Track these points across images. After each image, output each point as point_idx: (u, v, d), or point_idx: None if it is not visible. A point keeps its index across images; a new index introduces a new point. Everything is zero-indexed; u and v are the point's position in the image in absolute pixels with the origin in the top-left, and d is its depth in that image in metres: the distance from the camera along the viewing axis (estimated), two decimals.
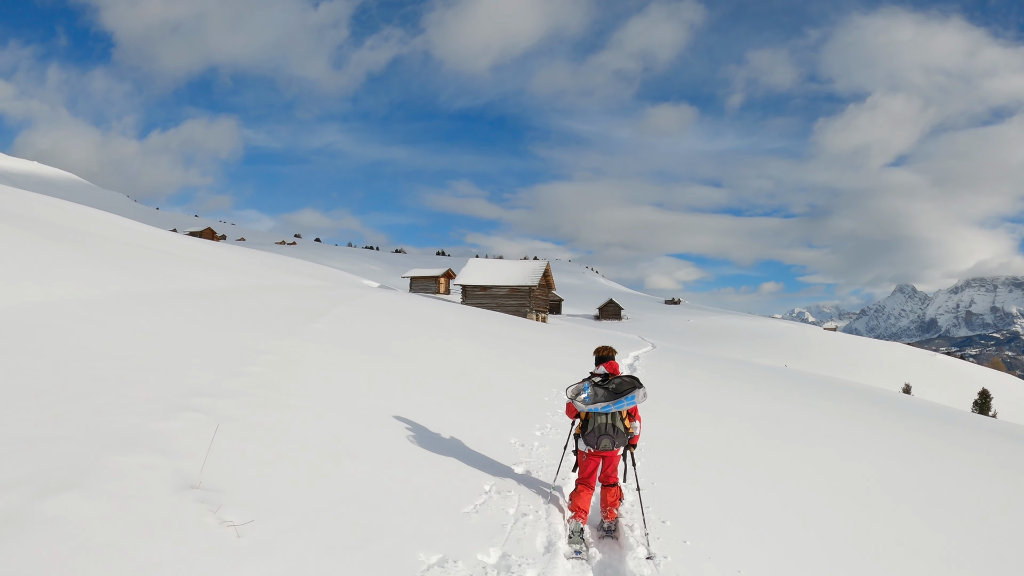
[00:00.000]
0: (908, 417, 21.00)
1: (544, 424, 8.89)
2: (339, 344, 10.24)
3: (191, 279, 15.08)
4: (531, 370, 14.42)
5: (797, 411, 16.94)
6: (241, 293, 14.10)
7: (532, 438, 7.95)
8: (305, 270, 42.52)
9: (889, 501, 8.42)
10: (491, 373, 12.27)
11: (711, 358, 33.91)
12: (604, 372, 5.57)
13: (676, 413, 12.63)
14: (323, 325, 11.54)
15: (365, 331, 12.75)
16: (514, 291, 51.70)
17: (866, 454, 11.84)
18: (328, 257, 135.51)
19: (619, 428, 5.29)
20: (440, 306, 28.41)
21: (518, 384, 11.81)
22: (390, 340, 12.64)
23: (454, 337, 16.82)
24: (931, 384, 68.85)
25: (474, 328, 21.69)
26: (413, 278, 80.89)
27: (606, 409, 5.23)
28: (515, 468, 6.42)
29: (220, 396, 5.56)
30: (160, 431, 4.37)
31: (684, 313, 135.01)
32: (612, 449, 5.35)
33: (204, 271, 17.80)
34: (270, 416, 5.50)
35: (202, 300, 11.37)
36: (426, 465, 5.58)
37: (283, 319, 11.21)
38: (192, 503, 3.49)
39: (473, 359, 13.70)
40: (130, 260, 15.40)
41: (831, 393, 24.49)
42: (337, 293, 21.19)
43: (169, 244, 25.61)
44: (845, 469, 10.16)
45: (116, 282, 11.68)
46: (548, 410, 9.97)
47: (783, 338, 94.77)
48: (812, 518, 6.79)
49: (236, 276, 19.35)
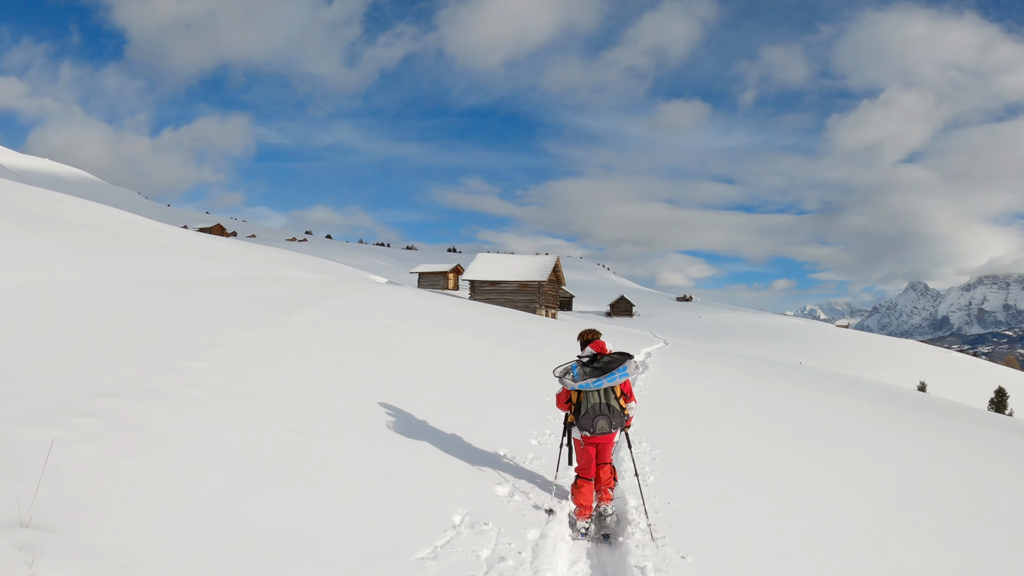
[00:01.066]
0: (932, 416, 19.76)
1: (543, 430, 7.80)
2: (315, 337, 9.15)
3: (171, 268, 14.12)
4: (535, 368, 13.34)
5: (819, 410, 15.77)
6: (223, 284, 13.10)
7: (526, 448, 6.85)
8: (309, 265, 41.60)
9: (932, 513, 7.30)
10: (489, 370, 11.19)
11: (725, 354, 32.66)
12: (592, 352, 5.26)
13: (694, 414, 11.53)
14: (304, 317, 10.45)
15: (352, 324, 11.66)
16: (523, 287, 50.55)
17: (898, 459, 10.70)
18: (339, 254, 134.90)
19: (615, 407, 4.98)
20: (444, 300, 27.39)
21: (518, 383, 10.74)
22: (378, 334, 11.56)
23: (453, 332, 15.77)
24: (946, 382, 67.49)
25: (477, 323, 20.64)
26: (421, 274, 79.94)
27: (597, 384, 4.91)
28: (499, 489, 5.28)
29: (134, 397, 4.49)
30: (25, 442, 3.32)
31: (696, 310, 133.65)
32: (610, 431, 5.03)
33: (189, 261, 16.84)
34: (189, 423, 4.42)
35: (172, 289, 10.37)
36: (380, 489, 4.43)
37: (259, 310, 10.16)
38: (5, 550, 2.44)
39: (471, 355, 12.64)
40: (108, 248, 14.46)
41: (851, 391, 23.24)
42: (335, 287, 20.18)
43: (162, 236, 24.72)
44: (878, 476, 9.03)
45: (80, 269, 10.71)
46: (549, 412, 8.90)
47: (796, 335, 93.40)
48: (849, 539, 5.65)
49: (226, 268, 18.37)
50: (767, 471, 8.07)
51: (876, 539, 5.74)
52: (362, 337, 10.55)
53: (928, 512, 7.34)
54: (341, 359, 8.40)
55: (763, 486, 7.24)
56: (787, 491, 7.21)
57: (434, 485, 4.83)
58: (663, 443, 8.31)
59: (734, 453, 8.90)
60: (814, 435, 11.73)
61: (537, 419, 8.21)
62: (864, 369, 66.64)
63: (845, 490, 7.69)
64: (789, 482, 7.71)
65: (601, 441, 5.14)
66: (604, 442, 5.17)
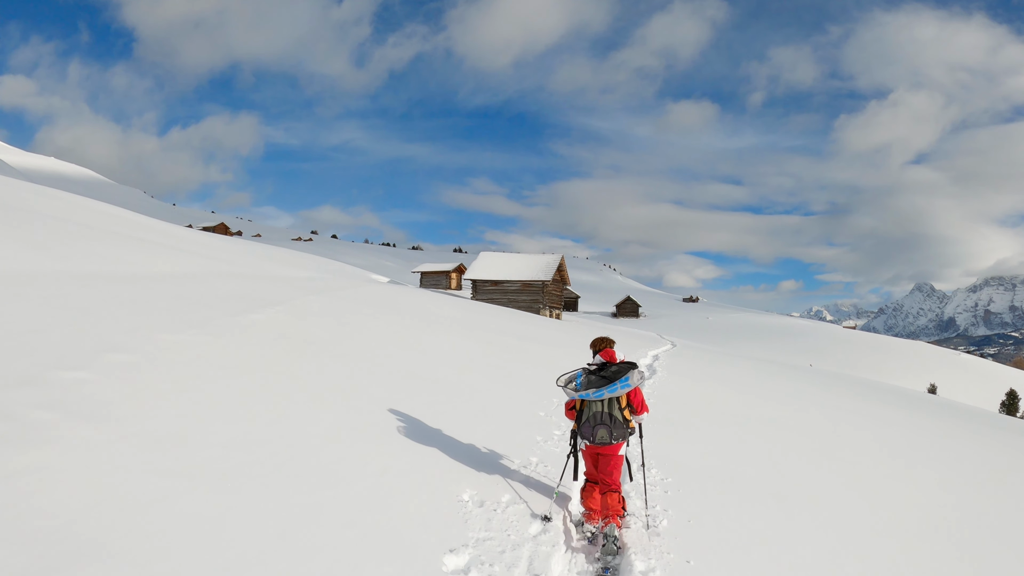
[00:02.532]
0: (961, 423, 18.38)
1: (528, 457, 6.29)
2: (265, 340, 7.80)
3: (135, 262, 12.88)
4: (532, 373, 12.05)
5: (844, 420, 14.41)
6: (188, 278, 11.86)
7: (501, 490, 5.16)
8: (304, 263, 40.37)
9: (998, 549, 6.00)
10: (477, 377, 9.88)
11: (735, 357, 31.25)
12: (600, 361, 5.10)
13: (707, 425, 10.21)
14: (264, 316, 9.15)
15: (322, 324, 10.35)
16: (527, 286, 49.20)
17: (957, 482, 9.37)
18: (343, 253, 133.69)
19: (617, 417, 4.80)
20: (440, 300, 26.09)
21: (510, 393, 9.42)
22: (349, 334, 10.25)
23: (445, 333, 14.47)
24: (956, 384, 66.04)
25: (473, 323, 19.35)
26: (423, 273, 78.64)
27: (598, 395, 4.77)
28: (446, 564, 3.73)
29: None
30: None
31: (702, 311, 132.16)
32: (610, 443, 4.82)
33: (162, 255, 15.60)
34: (4, 462, 3.14)
35: (117, 283, 9.12)
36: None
37: (212, 308, 8.88)
38: None
39: (460, 359, 11.34)
40: (68, 241, 13.23)
41: (870, 395, 21.82)
42: (320, 284, 18.92)
43: (145, 230, 23.50)
44: (939, 502, 7.72)
45: (17, 260, 9.50)
46: (542, 432, 7.47)
47: (804, 336, 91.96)
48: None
49: (203, 262, 17.13)
50: (798, 498, 6.76)
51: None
52: (328, 339, 9.23)
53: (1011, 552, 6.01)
54: (288, 366, 6.98)
55: (796, 519, 5.96)
56: (826, 525, 5.92)
57: (338, 562, 3.37)
58: (675, 465, 7.01)
59: (757, 475, 7.59)
60: (844, 449, 10.39)
61: (526, 440, 6.81)
62: (874, 371, 65.16)
63: (901, 523, 6.39)
64: (826, 512, 6.41)
65: (603, 452, 4.89)
66: (606, 453, 4.89)
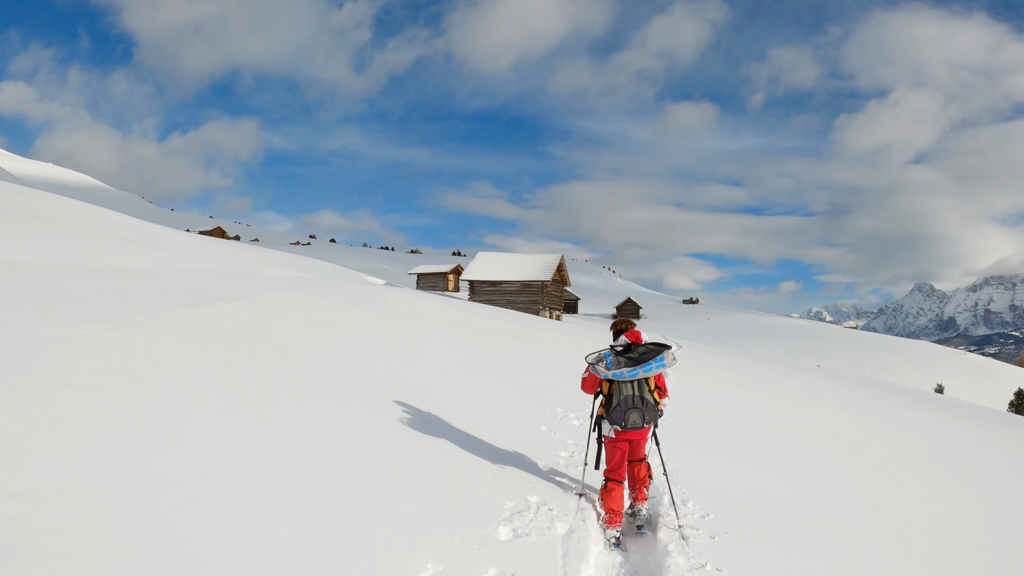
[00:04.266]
0: (1008, 429, 16.91)
1: (525, 498, 4.66)
2: (195, 338, 6.20)
3: (83, 255, 11.38)
4: (529, 380, 10.56)
5: (877, 430, 12.94)
6: (139, 272, 10.36)
7: (473, 560, 3.49)
8: (296, 263, 38.86)
9: None
10: (463, 385, 8.38)
11: (744, 358, 29.72)
12: (626, 342, 4.80)
13: (740, 442, 8.72)
14: (208, 311, 7.59)
15: (283, 322, 8.78)
16: (525, 287, 47.66)
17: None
18: (341, 257, 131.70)
19: (648, 400, 4.60)
20: (432, 300, 24.61)
21: (503, 404, 7.91)
22: (321, 335, 8.74)
23: (431, 334, 12.97)
24: (962, 384, 64.48)
25: (465, 323, 17.86)
26: (420, 275, 77.14)
27: (632, 374, 4.54)
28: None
29: None
30: None
31: (702, 313, 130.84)
32: (643, 427, 4.65)
33: (122, 250, 14.10)
34: None
35: (42, 273, 7.61)
36: None
37: (144, 300, 7.34)
38: None
39: (446, 363, 9.85)
40: (14, 231, 11.72)
41: (897, 400, 20.30)
42: (296, 282, 17.42)
43: (117, 227, 21.98)
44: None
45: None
46: (545, 454, 5.96)
47: (806, 336, 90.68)
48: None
49: (169, 258, 15.63)
50: (865, 530, 5.32)
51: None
52: (284, 338, 7.68)
53: None
54: (211, 373, 5.29)
55: (870, 560, 4.53)
56: (912, 568, 4.50)
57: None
58: (715, 494, 5.54)
59: (810, 501, 6.13)
60: (896, 464, 8.92)
61: (519, 476, 5.27)
62: (880, 371, 63.75)
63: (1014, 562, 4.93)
64: (903, 549, 4.98)
65: (633, 437, 4.76)
66: (637, 438, 4.79)
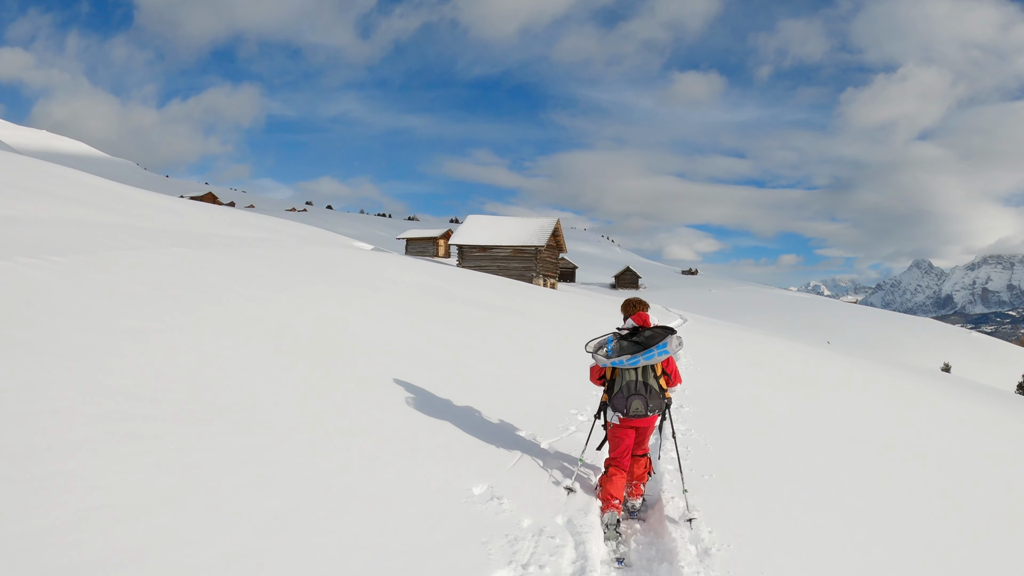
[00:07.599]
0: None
1: None
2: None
3: None
4: (512, 367, 8.16)
5: (929, 432, 10.65)
6: (47, 224, 7.89)
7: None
8: (270, 226, 36.18)
9: None
10: (416, 380, 5.95)
11: (754, 331, 27.36)
12: (633, 325, 4.54)
13: (779, 444, 6.33)
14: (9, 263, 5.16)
15: (140, 288, 6.26)
16: (518, 252, 44.91)
17: None
18: (337, 223, 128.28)
19: (652, 387, 4.32)
20: (407, 265, 22.09)
21: (471, 408, 5.52)
22: (198, 306, 6.22)
23: (373, 306, 10.49)
24: (970, 363, 62.58)
25: (434, 290, 15.40)
26: (409, 240, 74.14)
27: (633, 362, 4.29)
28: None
29: None
30: None
31: (701, 283, 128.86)
32: (646, 414, 4.35)
33: (54, 206, 11.57)
34: None
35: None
36: None
37: None
38: None
39: (402, 347, 7.42)
40: None
41: (963, 393, 17.65)
42: (240, 242, 14.91)
43: (76, 187, 19.29)
44: None
45: None
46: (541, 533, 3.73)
47: (808, 310, 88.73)
48: None
49: (75, 209, 13.08)
50: None
51: None
52: (126, 310, 5.20)
53: None
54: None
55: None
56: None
57: None
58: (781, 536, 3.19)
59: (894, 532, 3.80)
60: (970, 483, 6.57)
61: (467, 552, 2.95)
62: (886, 349, 61.83)
63: None
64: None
65: (638, 425, 4.44)
66: (642, 426, 4.47)
